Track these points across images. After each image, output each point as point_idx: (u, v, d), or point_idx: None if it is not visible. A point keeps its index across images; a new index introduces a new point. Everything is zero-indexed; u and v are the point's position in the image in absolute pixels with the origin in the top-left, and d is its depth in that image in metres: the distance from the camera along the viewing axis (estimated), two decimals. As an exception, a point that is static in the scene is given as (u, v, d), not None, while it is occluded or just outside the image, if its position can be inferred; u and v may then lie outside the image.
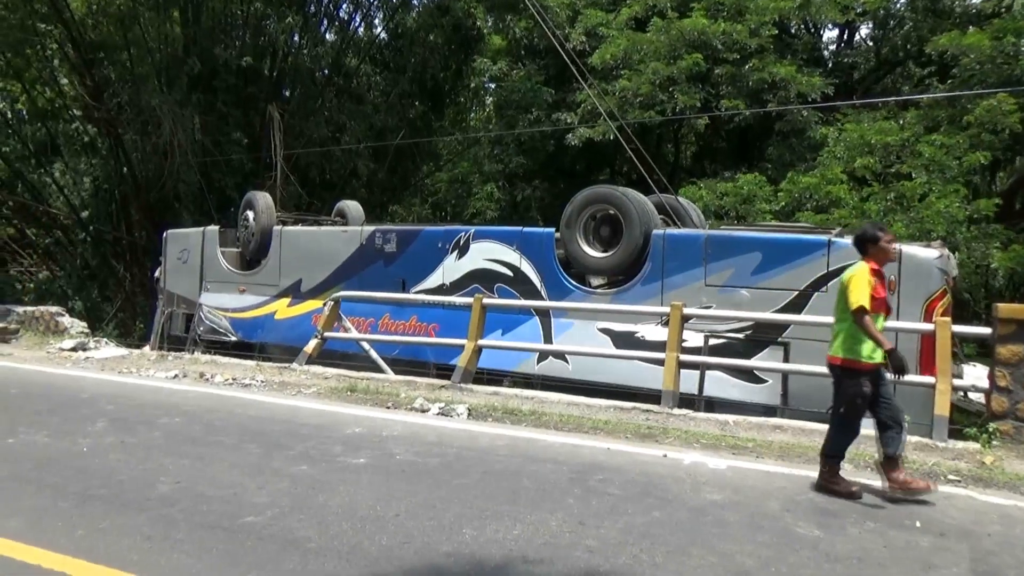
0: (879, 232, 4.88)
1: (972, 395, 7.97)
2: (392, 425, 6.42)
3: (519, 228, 9.69)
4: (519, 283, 9.19)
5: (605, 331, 8.45)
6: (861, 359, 4.69)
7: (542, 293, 9.02)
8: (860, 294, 4.65)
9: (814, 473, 5.13)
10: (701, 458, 5.52)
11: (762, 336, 7.67)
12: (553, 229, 9.25)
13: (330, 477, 4.90)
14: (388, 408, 7.18)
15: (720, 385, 7.73)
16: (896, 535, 4.13)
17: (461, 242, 9.69)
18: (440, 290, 9.74)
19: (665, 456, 5.57)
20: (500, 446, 5.79)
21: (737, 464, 5.39)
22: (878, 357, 4.68)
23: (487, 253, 9.47)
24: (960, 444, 6.01)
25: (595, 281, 9.13)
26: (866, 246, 4.90)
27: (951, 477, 5.19)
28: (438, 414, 6.96)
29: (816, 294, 7.45)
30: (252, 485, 4.70)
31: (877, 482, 4.87)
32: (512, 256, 9.29)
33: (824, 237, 7.64)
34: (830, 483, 4.80)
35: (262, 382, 8.35)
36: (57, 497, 4.45)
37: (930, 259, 7.18)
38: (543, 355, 8.80)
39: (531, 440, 6.00)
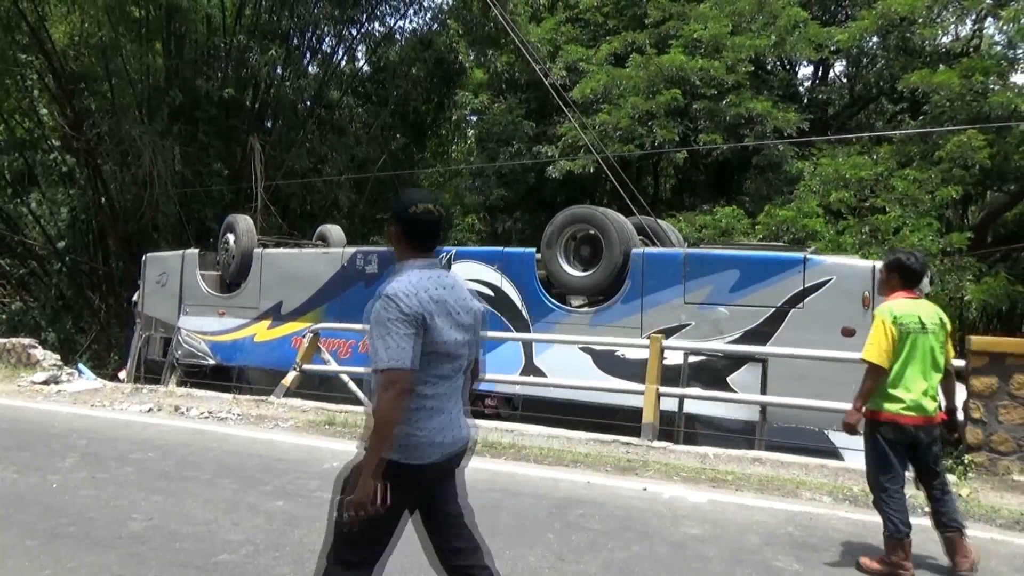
0: None
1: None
2: (370, 459, 6.34)
3: (500, 248, 9.79)
4: (500, 303, 9.22)
5: (586, 350, 8.49)
6: None
7: (523, 313, 9.06)
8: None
9: (793, 507, 5.14)
10: (681, 491, 5.51)
11: (740, 353, 7.75)
12: (534, 249, 9.34)
13: (307, 513, 4.83)
14: (366, 442, 7.09)
15: (699, 402, 7.79)
16: (875, 569, 4.13)
17: (442, 263, 9.69)
18: None
19: (645, 490, 5.55)
20: (479, 480, 5.73)
21: (717, 498, 5.38)
22: None
23: (468, 273, 9.50)
24: (937, 476, 6.05)
25: (575, 301, 9.17)
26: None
27: (927, 510, 5.20)
28: (417, 447, 6.88)
29: (793, 311, 7.57)
30: (227, 522, 4.62)
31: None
32: (493, 276, 9.33)
33: (800, 254, 7.79)
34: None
35: (238, 415, 8.24)
36: (24, 535, 4.35)
37: None
38: (524, 372, 8.82)
39: (511, 473, 5.96)
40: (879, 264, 7.32)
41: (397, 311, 2.50)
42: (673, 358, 7.80)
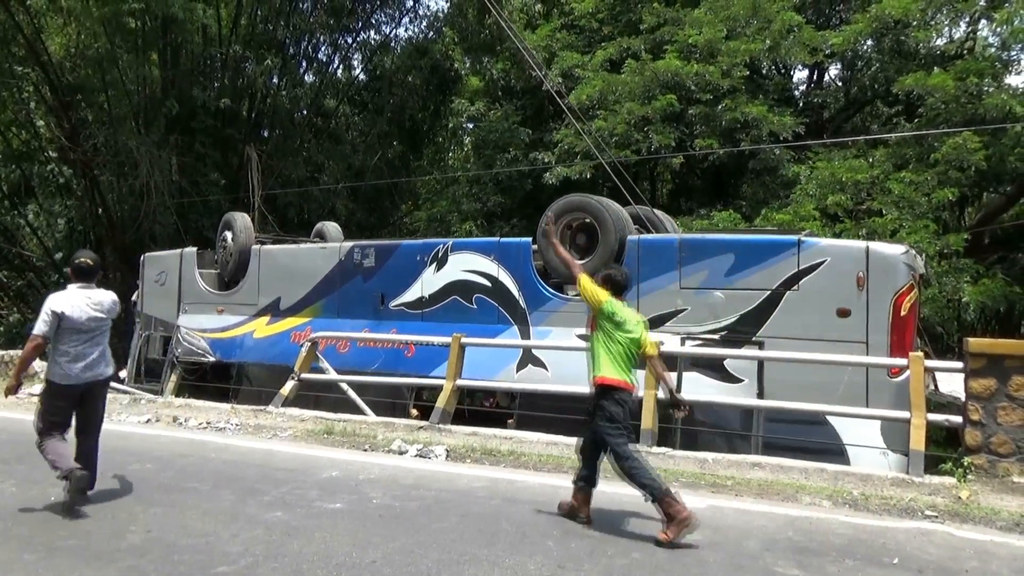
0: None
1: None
2: (369, 468, 6.33)
3: (496, 239, 9.85)
4: (497, 293, 9.26)
5: (584, 337, 8.49)
6: None
7: (520, 302, 9.09)
8: None
9: (793, 511, 5.14)
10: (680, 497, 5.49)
11: (737, 336, 7.76)
12: (530, 239, 9.37)
13: (306, 523, 4.82)
14: (365, 451, 7.09)
15: (696, 386, 7.78)
16: (875, 573, 4.13)
17: (439, 254, 9.75)
18: (419, 303, 9.81)
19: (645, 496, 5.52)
20: (478, 488, 5.73)
21: (716, 503, 5.37)
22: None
23: (465, 264, 9.53)
24: (936, 479, 6.05)
25: (571, 291, 9.17)
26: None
27: (928, 513, 5.20)
28: (416, 456, 6.88)
29: (788, 293, 7.59)
30: (225, 533, 4.61)
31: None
32: (490, 267, 9.36)
33: (794, 237, 7.83)
34: None
35: (237, 425, 8.23)
36: (23, 549, 4.33)
37: (896, 255, 7.38)
38: (523, 362, 8.82)
39: (510, 481, 5.95)
40: (872, 245, 7.42)
41: (47, 307, 5.03)
42: (670, 343, 7.81)
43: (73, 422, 5.28)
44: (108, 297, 5.33)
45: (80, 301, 5.11)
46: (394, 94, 21.34)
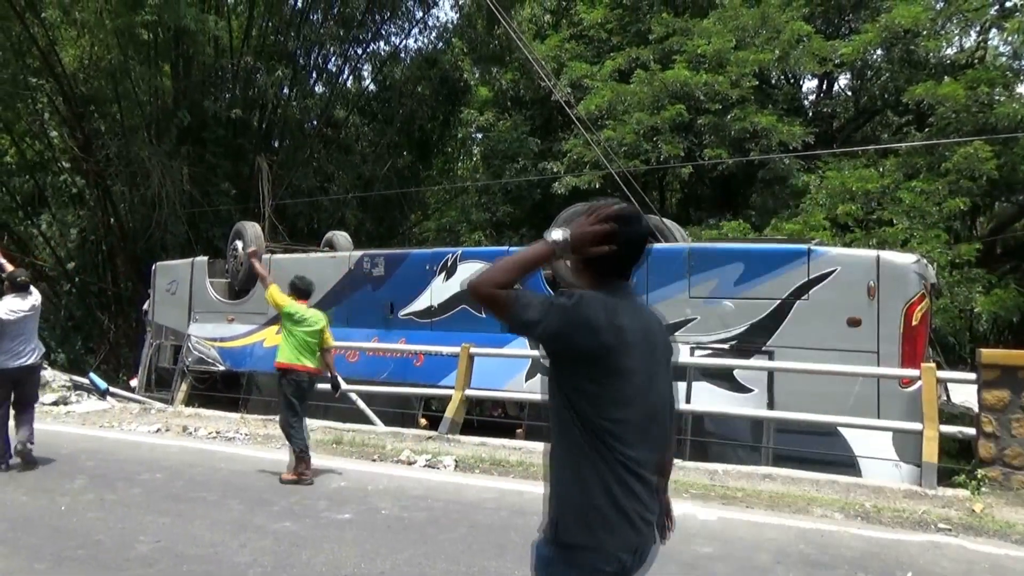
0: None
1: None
2: (378, 479, 6.33)
3: (505, 248, 9.86)
4: None
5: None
6: None
7: None
8: None
9: (804, 523, 5.09)
10: (691, 509, 5.46)
11: (747, 346, 7.71)
12: None
13: (314, 534, 4.81)
14: (374, 461, 7.09)
15: (706, 396, 7.73)
16: (888, 587, 4.08)
17: (448, 264, 9.76)
18: (428, 312, 9.80)
19: (654, 507, 5.49)
20: (487, 499, 5.71)
21: (727, 515, 5.34)
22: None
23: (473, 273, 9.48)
24: (950, 491, 5.99)
25: None
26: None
27: (941, 526, 5.15)
28: (425, 466, 6.87)
29: (798, 302, 7.55)
30: (234, 543, 4.61)
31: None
32: None
33: (803, 246, 7.81)
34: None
35: (246, 435, 8.24)
36: (32, 558, 4.34)
37: (907, 264, 7.34)
38: (532, 372, 8.78)
39: (519, 492, 5.93)
40: (883, 254, 7.39)
41: None
42: (679, 354, 7.76)
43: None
44: (32, 299, 6.75)
45: (13, 307, 6.55)
46: (403, 104, 21.41)
